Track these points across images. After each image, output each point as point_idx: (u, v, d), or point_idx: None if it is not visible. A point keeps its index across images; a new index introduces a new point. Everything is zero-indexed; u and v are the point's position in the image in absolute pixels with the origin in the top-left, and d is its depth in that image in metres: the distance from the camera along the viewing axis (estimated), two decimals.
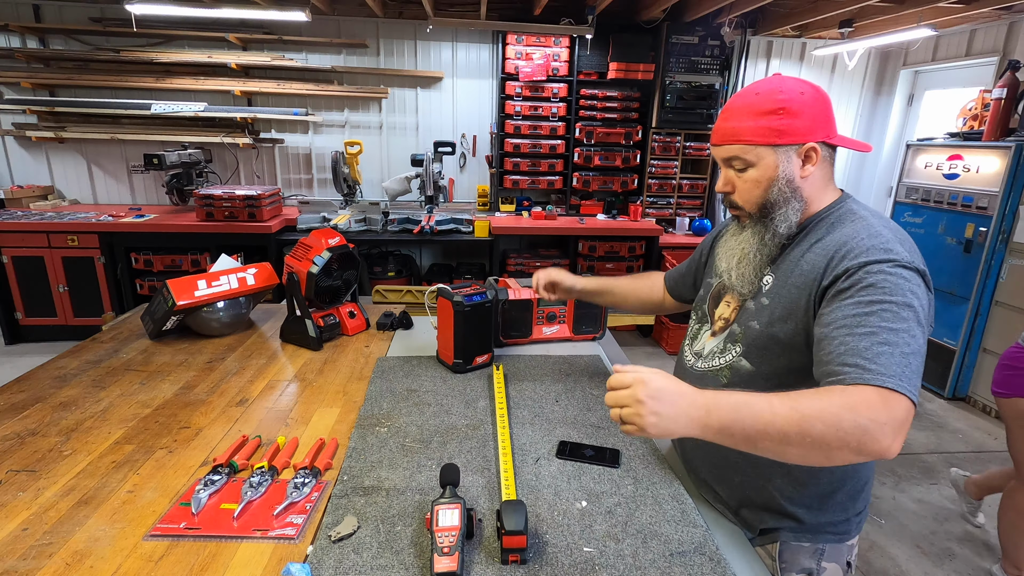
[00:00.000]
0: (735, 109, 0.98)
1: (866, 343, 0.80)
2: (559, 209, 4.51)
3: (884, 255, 0.87)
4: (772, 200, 0.98)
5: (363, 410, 1.28)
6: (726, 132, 0.98)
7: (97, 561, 0.82)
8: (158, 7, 3.31)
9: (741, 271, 1.04)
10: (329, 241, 1.67)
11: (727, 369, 1.04)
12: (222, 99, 4.15)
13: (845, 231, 0.94)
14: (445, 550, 0.80)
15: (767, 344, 0.98)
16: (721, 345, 1.07)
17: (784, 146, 0.95)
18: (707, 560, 0.86)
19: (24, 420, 1.20)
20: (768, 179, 0.97)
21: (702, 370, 1.09)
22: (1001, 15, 3.66)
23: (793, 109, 0.93)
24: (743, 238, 1.05)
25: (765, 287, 1.01)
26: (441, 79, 4.36)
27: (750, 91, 0.98)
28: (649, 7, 3.90)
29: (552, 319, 1.69)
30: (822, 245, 0.95)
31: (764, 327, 0.98)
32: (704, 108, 4.29)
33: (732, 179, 1.02)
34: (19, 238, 3.59)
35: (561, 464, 1.10)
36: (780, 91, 0.94)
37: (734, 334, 1.04)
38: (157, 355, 1.56)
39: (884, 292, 0.83)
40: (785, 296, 0.97)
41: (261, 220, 3.69)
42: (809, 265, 0.95)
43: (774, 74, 1.02)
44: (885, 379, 0.76)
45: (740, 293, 1.05)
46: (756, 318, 1.00)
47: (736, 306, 1.07)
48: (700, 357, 1.11)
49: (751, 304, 1.03)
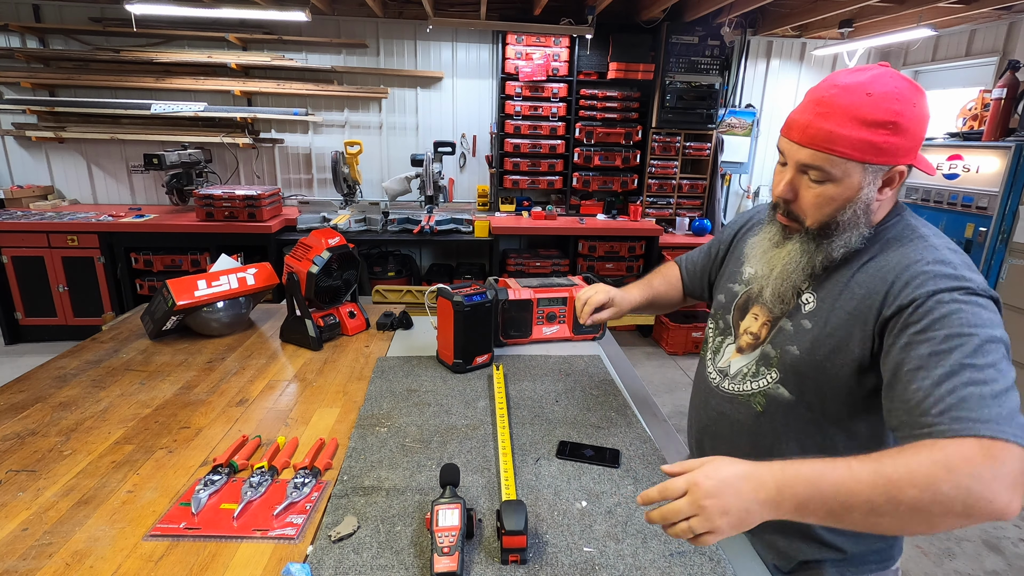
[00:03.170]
0: (838, 108, 0.80)
1: (949, 385, 0.69)
2: (559, 209, 4.51)
3: (955, 282, 0.76)
4: (840, 221, 0.85)
5: (363, 410, 1.28)
6: (818, 134, 0.81)
7: (97, 561, 0.82)
8: (158, 7, 3.31)
9: (777, 287, 0.92)
10: (329, 241, 1.67)
11: (761, 396, 0.94)
12: (222, 99, 4.15)
13: (906, 252, 0.83)
14: (445, 550, 0.80)
15: (809, 373, 0.88)
16: (753, 367, 0.96)
17: (876, 166, 0.81)
18: (707, 560, 0.86)
19: (24, 420, 1.20)
20: (845, 199, 0.83)
21: (731, 393, 0.99)
22: (1001, 15, 3.66)
23: (903, 124, 0.78)
24: (787, 251, 0.91)
25: (805, 307, 0.90)
26: (441, 79, 4.36)
27: (860, 87, 0.79)
28: (649, 7, 3.90)
29: (552, 319, 1.69)
30: (877, 266, 0.84)
31: (806, 354, 0.88)
32: (704, 108, 4.29)
33: (799, 186, 0.87)
34: (19, 238, 3.59)
35: (561, 464, 1.09)
36: (897, 97, 0.78)
37: (768, 357, 0.93)
38: (157, 355, 1.56)
39: (962, 324, 0.72)
40: (834, 323, 0.86)
41: (261, 220, 3.69)
42: (863, 289, 0.84)
43: (880, 64, 0.85)
44: (980, 427, 0.65)
45: (771, 310, 0.94)
46: (795, 342, 0.89)
47: (766, 321, 0.96)
48: (727, 376, 1.01)
49: (788, 325, 0.92)
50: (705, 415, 1.08)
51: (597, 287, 1.27)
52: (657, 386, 3.66)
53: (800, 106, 0.85)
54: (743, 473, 0.68)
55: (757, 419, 0.96)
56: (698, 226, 4.44)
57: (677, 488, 0.69)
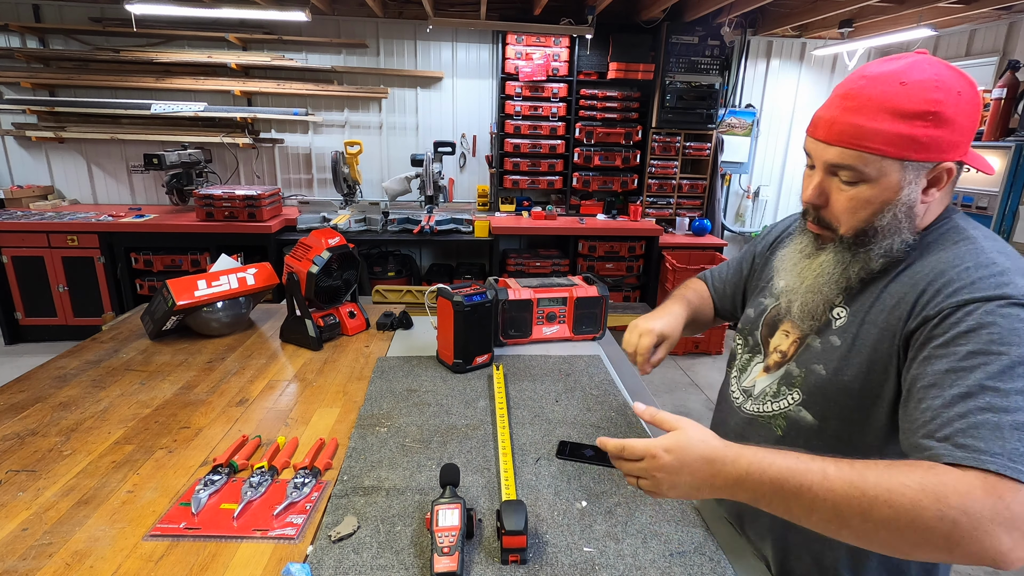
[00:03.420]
0: (868, 99, 0.71)
1: (962, 408, 0.62)
2: (559, 209, 4.51)
3: (995, 290, 0.66)
4: (879, 226, 0.75)
5: (363, 410, 1.28)
6: (846, 130, 0.73)
7: (97, 561, 0.82)
8: (158, 7, 3.31)
9: (807, 301, 0.83)
10: (329, 241, 1.67)
11: (781, 418, 0.86)
12: (222, 99, 4.15)
13: (945, 256, 0.73)
14: (445, 550, 0.80)
15: (835, 396, 0.79)
16: (775, 387, 0.88)
17: (917, 163, 0.71)
18: (707, 560, 0.86)
19: (24, 420, 1.20)
20: (883, 202, 0.74)
21: (751, 414, 0.92)
22: (1001, 15, 3.66)
23: (946, 115, 0.69)
24: (819, 262, 0.83)
25: (836, 322, 0.81)
26: (441, 79, 4.36)
27: (892, 76, 0.71)
28: (649, 7, 3.90)
29: (552, 319, 1.69)
30: (912, 273, 0.75)
31: (832, 375, 0.79)
32: (704, 108, 4.29)
33: (829, 190, 0.78)
34: (19, 238, 3.59)
35: (561, 464, 1.09)
36: (936, 85, 0.69)
37: (791, 376, 0.86)
38: (157, 355, 1.56)
39: (991, 340, 0.63)
40: (863, 339, 0.77)
41: (261, 220, 3.69)
42: (894, 299, 0.75)
43: (917, 51, 0.76)
44: (988, 460, 0.58)
45: (800, 326, 0.86)
46: (822, 361, 0.81)
47: (796, 338, 0.87)
48: (750, 396, 0.93)
49: (816, 343, 0.83)
50: (723, 435, 0.95)
51: (637, 327, 1.08)
52: (657, 386, 3.66)
53: (826, 102, 0.78)
54: (706, 456, 0.68)
55: (777, 444, 0.87)
56: (698, 226, 4.45)
57: (635, 451, 0.71)
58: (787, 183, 4.94)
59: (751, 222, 4.98)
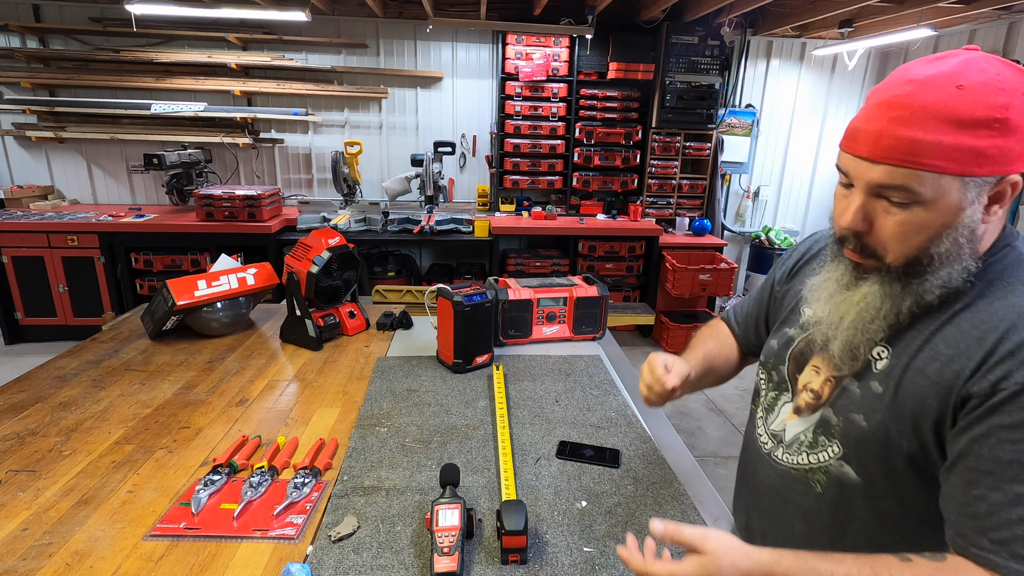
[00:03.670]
0: (920, 108, 0.61)
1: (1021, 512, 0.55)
2: (559, 209, 4.51)
3: None
4: (935, 254, 0.65)
5: (363, 410, 1.28)
6: (898, 144, 0.62)
7: (97, 561, 0.82)
8: (158, 7, 3.31)
9: (850, 339, 0.72)
10: (329, 241, 1.67)
11: (821, 473, 0.77)
12: (222, 99, 4.15)
13: (1017, 302, 0.63)
14: (445, 550, 0.80)
15: (880, 452, 0.70)
16: (810, 435, 0.79)
17: (979, 178, 0.61)
18: None
19: (24, 420, 1.20)
20: (941, 225, 0.63)
21: (785, 465, 0.82)
22: (1001, 15, 3.66)
23: (1013, 120, 0.59)
24: (862, 294, 0.71)
25: (877, 364, 0.71)
26: (441, 79, 4.36)
27: (946, 79, 0.60)
28: (649, 7, 3.90)
29: (552, 319, 1.69)
30: (974, 318, 0.65)
31: (875, 427, 0.70)
32: (704, 108, 4.29)
33: (874, 214, 0.67)
34: (19, 238, 3.59)
35: (561, 464, 1.09)
36: (1000, 87, 0.59)
37: (828, 424, 0.76)
38: (157, 355, 1.56)
39: None
40: (908, 388, 0.67)
41: (261, 220, 3.69)
42: (951, 348, 0.65)
43: (966, 48, 0.65)
44: None
45: (838, 366, 0.76)
46: (862, 410, 0.71)
47: (829, 377, 0.77)
48: (781, 443, 0.83)
49: (855, 387, 0.73)
50: (754, 488, 0.90)
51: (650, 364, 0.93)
52: None
53: (864, 112, 0.66)
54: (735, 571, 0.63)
55: (817, 502, 0.78)
56: (698, 226, 4.45)
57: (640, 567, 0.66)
58: (787, 183, 4.95)
59: (751, 222, 4.98)
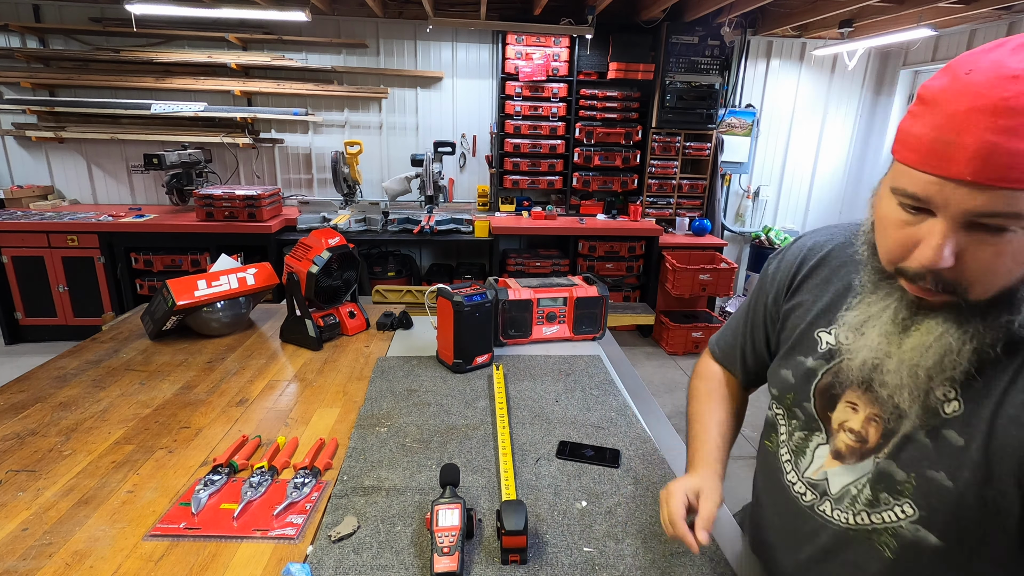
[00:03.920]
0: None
1: None
2: (559, 209, 4.51)
3: None
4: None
5: (363, 410, 1.28)
6: (1015, 162, 0.48)
7: (97, 561, 0.82)
8: (158, 7, 3.31)
9: (920, 383, 0.61)
10: (329, 241, 1.67)
11: (889, 536, 0.66)
12: (222, 99, 4.15)
13: None
14: (445, 550, 0.80)
15: (972, 515, 0.60)
16: (868, 492, 0.68)
17: None
18: (707, 561, 0.86)
19: (24, 420, 1.20)
20: None
21: (839, 524, 0.71)
22: (1001, 15, 3.66)
23: None
24: (932, 332, 0.60)
25: (945, 408, 0.62)
26: (441, 79, 4.36)
27: None
28: (649, 7, 3.90)
29: (552, 319, 1.69)
30: None
31: (964, 488, 0.59)
32: (704, 108, 4.29)
33: (965, 247, 0.54)
34: (19, 238, 3.59)
35: (561, 464, 1.10)
36: None
37: (892, 480, 0.66)
38: (157, 355, 1.56)
39: None
40: (1003, 441, 0.58)
41: (261, 220, 3.69)
42: None
43: None
44: None
45: (897, 409, 0.64)
46: (942, 467, 0.61)
47: (872, 416, 0.68)
48: (826, 496, 0.73)
49: (924, 438, 0.63)
50: (796, 546, 0.79)
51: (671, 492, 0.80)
52: (657, 386, 3.66)
53: (952, 121, 0.51)
54: None
55: (887, 568, 0.68)
56: (698, 226, 4.45)
57: None
58: (787, 183, 4.95)
59: (751, 222, 4.98)
